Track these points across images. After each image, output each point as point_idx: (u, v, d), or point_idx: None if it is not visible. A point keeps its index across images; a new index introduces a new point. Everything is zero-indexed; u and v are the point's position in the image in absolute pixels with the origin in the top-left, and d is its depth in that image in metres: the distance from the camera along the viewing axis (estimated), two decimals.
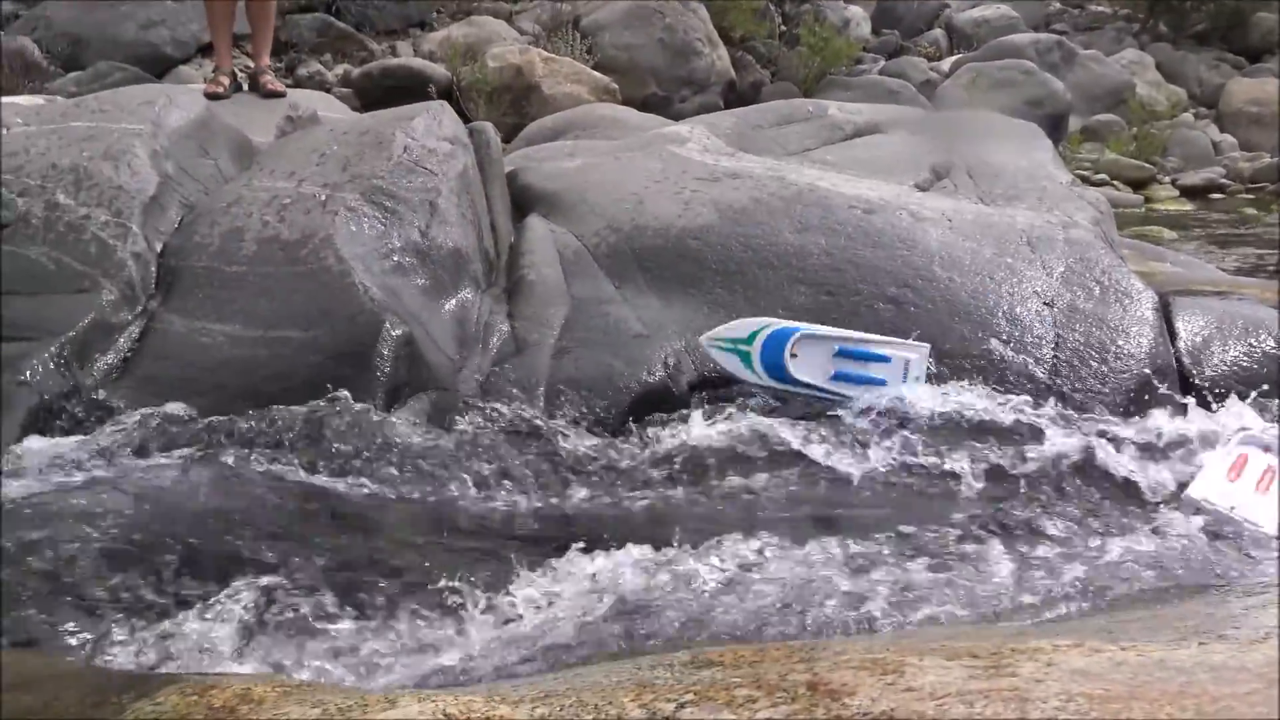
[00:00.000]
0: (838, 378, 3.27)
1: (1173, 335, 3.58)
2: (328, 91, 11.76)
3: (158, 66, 7.69)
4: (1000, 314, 3.55)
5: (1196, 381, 3.46)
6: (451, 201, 3.63)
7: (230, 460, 2.61)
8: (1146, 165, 10.95)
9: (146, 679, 1.39)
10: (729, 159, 4.54)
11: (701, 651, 1.28)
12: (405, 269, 3.35)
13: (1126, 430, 3.15)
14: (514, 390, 3.18)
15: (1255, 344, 3.58)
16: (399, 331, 3.05)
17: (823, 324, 3.55)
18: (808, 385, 3.25)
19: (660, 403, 3.26)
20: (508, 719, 1.01)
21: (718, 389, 3.42)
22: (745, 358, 3.26)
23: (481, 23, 12.84)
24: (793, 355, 3.28)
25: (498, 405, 3.08)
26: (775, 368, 3.24)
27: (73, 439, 2.74)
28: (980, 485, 2.80)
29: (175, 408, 2.85)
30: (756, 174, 4.22)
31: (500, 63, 11.28)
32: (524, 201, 4.26)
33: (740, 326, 3.33)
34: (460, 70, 11.35)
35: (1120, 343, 3.48)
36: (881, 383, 3.27)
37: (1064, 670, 0.90)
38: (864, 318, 3.57)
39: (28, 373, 2.87)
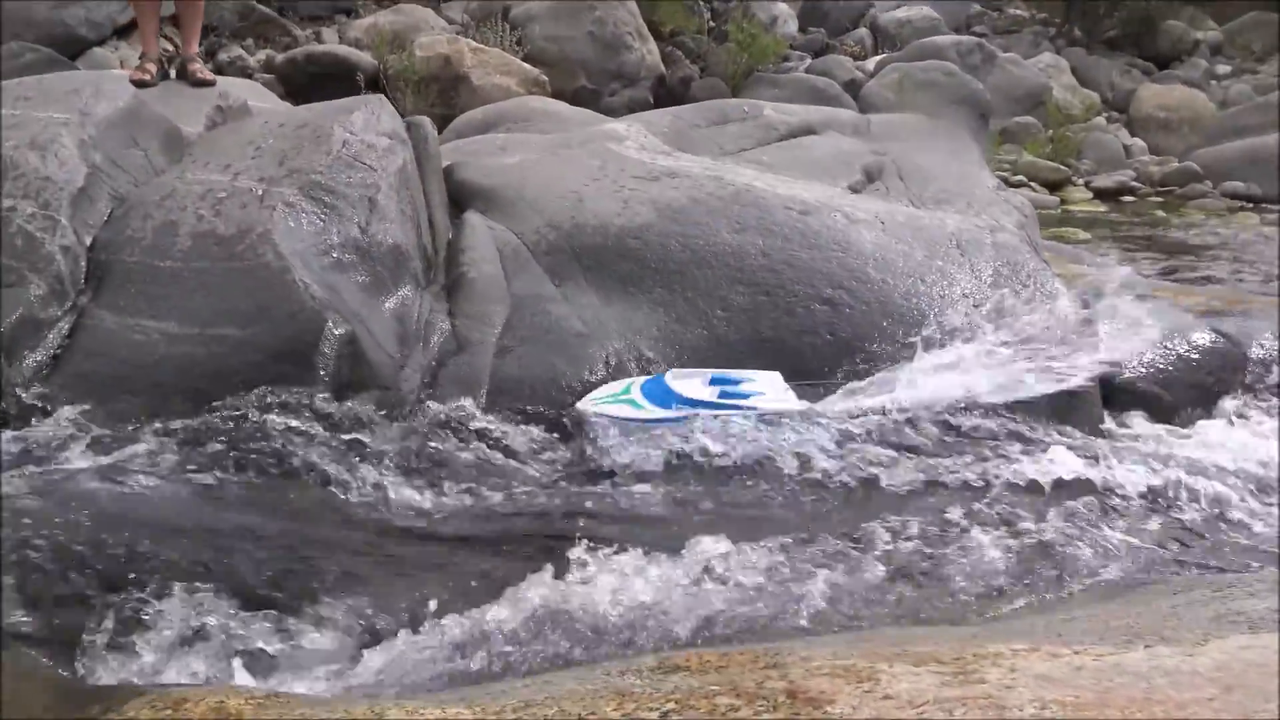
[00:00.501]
0: (723, 397, 3.29)
1: (1095, 339, 3.71)
2: (249, 77, 11.49)
3: (71, 48, 7.34)
4: (932, 316, 3.65)
5: (1117, 383, 3.60)
6: (391, 198, 3.60)
7: (169, 462, 2.56)
8: (1062, 167, 11.28)
9: (110, 691, 1.37)
10: (667, 158, 4.57)
11: (667, 656, 1.31)
12: (345, 266, 3.31)
13: (1049, 433, 3.28)
14: (456, 389, 3.18)
15: (1170, 346, 3.74)
16: (341, 330, 3.02)
17: (759, 326, 3.62)
18: (697, 402, 3.22)
19: None
20: None
21: None
22: (631, 402, 3.22)
23: (409, 10, 12.66)
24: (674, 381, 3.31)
25: (441, 404, 3.07)
26: (662, 395, 3.22)
27: (3, 435, 2.66)
28: (912, 489, 2.88)
29: (108, 407, 2.79)
30: (694, 173, 4.26)
31: (428, 52, 11.15)
32: (461, 197, 4.23)
33: (612, 385, 3.32)
34: (387, 59, 11.19)
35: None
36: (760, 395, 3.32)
37: (1029, 676, 0.95)
38: (800, 318, 3.64)
39: None
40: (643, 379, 3.30)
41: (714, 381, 3.30)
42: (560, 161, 4.37)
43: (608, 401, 3.21)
